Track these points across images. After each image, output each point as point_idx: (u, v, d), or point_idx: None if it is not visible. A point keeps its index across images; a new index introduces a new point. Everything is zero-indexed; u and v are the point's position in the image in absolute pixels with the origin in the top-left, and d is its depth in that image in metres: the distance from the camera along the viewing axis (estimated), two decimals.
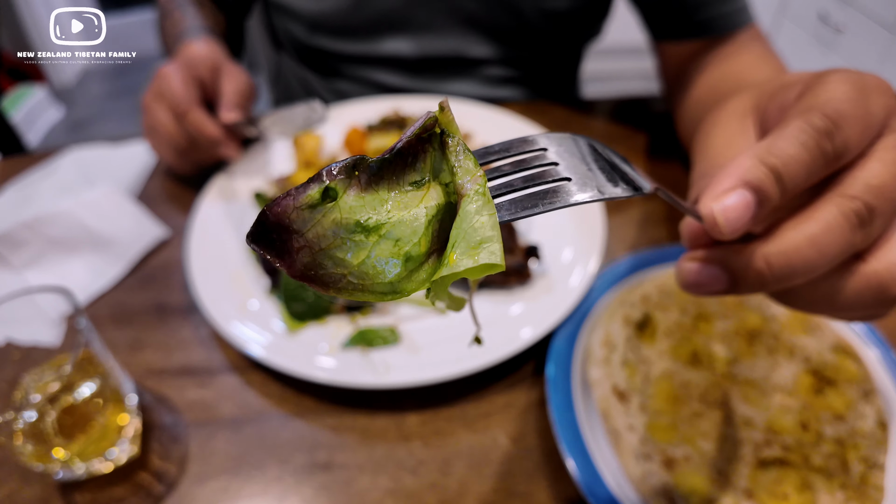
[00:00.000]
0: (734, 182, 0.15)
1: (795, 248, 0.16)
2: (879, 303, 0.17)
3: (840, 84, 0.17)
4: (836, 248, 0.16)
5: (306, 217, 0.12)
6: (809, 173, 0.16)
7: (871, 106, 0.16)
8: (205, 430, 0.30)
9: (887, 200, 0.16)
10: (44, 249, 0.40)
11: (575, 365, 0.31)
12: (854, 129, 0.16)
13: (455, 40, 0.53)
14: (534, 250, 0.34)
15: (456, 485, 0.28)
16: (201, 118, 0.40)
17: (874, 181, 0.16)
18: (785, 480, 0.26)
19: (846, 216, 0.16)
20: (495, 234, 0.12)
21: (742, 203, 0.15)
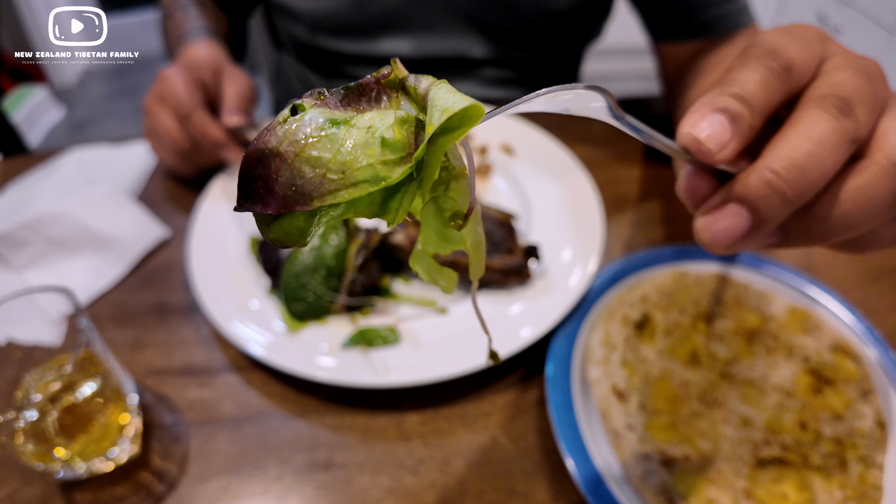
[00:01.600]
0: (702, 110, 0.16)
1: (795, 149, 0.15)
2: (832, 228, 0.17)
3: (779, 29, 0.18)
4: (833, 136, 0.15)
5: (279, 132, 0.12)
6: (767, 91, 0.16)
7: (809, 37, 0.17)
8: (205, 430, 0.30)
9: (855, 90, 0.16)
10: (45, 249, 0.40)
11: (574, 364, 0.31)
12: (795, 50, 0.17)
13: (455, 40, 0.53)
14: (533, 250, 0.34)
15: (456, 484, 0.28)
16: (205, 121, 0.41)
17: (835, 80, 0.16)
18: (784, 480, 0.26)
19: (825, 109, 0.16)
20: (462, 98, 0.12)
21: (717, 121, 0.15)
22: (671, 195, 0.46)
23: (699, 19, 0.45)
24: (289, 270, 0.33)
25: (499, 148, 0.47)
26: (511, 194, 0.44)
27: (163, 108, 0.42)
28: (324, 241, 0.34)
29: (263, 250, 0.36)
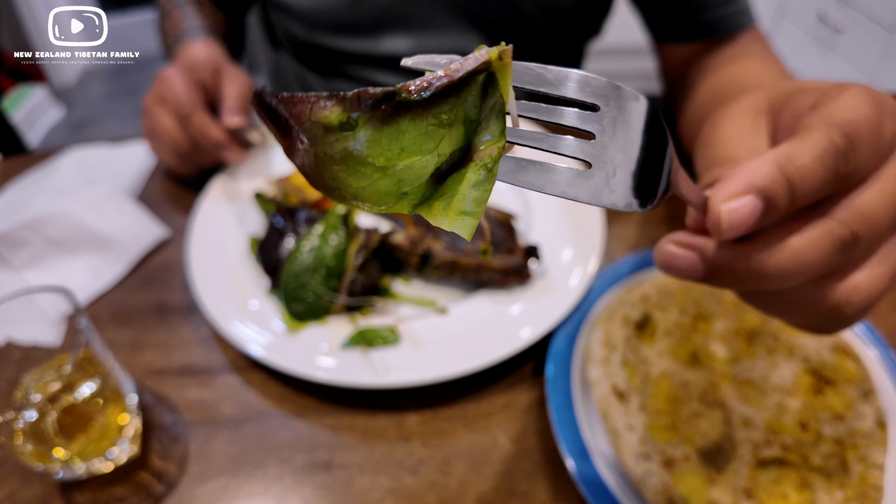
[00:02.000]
0: (747, 186, 0.15)
1: (776, 260, 0.16)
2: (832, 322, 0.17)
3: (857, 100, 0.17)
4: (815, 267, 0.16)
5: (318, 135, 0.11)
6: (820, 190, 0.16)
7: (885, 130, 0.16)
8: (205, 430, 0.30)
9: (874, 232, 0.16)
10: (44, 250, 0.40)
11: (574, 365, 0.31)
12: (866, 153, 0.16)
13: (455, 38, 0.53)
14: (533, 250, 0.34)
15: (456, 484, 0.28)
16: (205, 121, 0.40)
17: (868, 210, 0.16)
18: (784, 480, 0.26)
19: (832, 240, 0.16)
20: (478, 212, 0.12)
21: (750, 209, 0.15)
22: (671, 196, 0.45)
23: (701, 20, 0.45)
24: (288, 270, 0.33)
25: None
26: (511, 194, 0.44)
27: (162, 109, 0.41)
28: (324, 241, 0.34)
29: (263, 250, 0.36)
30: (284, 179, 0.43)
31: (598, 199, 0.13)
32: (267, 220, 0.40)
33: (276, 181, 0.43)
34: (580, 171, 0.13)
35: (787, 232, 0.16)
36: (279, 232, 0.37)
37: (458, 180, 0.12)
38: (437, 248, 0.34)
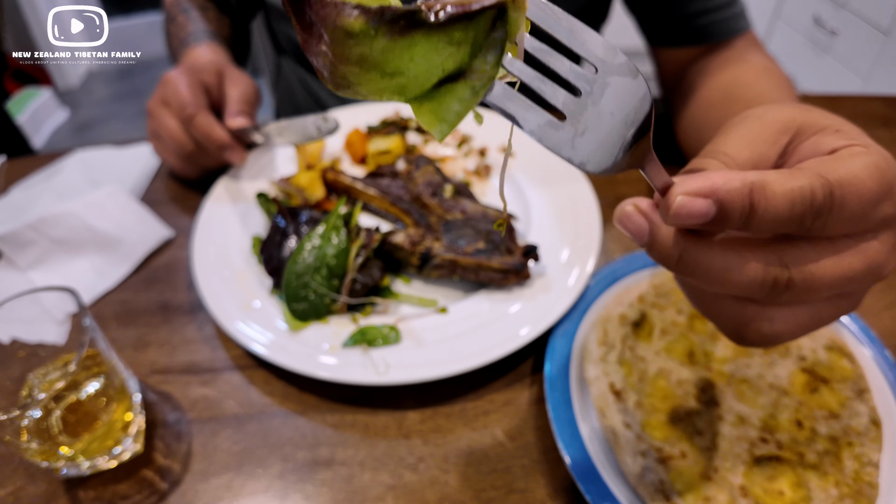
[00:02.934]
0: (711, 190, 0.16)
1: (708, 265, 0.16)
2: (740, 339, 0.18)
3: (867, 170, 0.16)
4: (740, 289, 0.16)
5: (339, 38, 0.12)
6: (778, 227, 0.16)
7: (880, 209, 0.16)
8: (208, 428, 0.31)
9: (811, 290, 0.16)
10: (49, 250, 0.40)
11: (572, 363, 0.31)
12: (842, 221, 0.16)
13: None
14: (532, 251, 0.35)
15: (456, 481, 0.28)
16: (209, 123, 0.41)
17: (817, 271, 0.16)
18: (780, 477, 0.26)
19: (766, 276, 0.16)
20: (454, 122, 0.14)
21: (702, 209, 0.15)
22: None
23: (696, 25, 0.45)
24: (290, 270, 0.34)
25: (498, 150, 0.48)
26: (510, 195, 0.44)
27: (166, 111, 0.42)
28: (325, 242, 0.34)
29: (265, 250, 0.37)
30: (287, 180, 0.43)
31: (559, 150, 0.14)
32: (269, 220, 0.40)
33: (278, 182, 0.43)
34: (554, 121, 0.14)
35: (736, 245, 0.16)
36: (281, 232, 0.37)
37: (448, 91, 0.13)
38: (437, 248, 0.35)
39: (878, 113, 0.57)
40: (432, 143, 0.49)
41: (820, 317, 0.18)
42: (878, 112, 0.57)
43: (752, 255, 0.16)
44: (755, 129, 0.19)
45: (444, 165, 0.47)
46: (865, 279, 0.17)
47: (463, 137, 0.49)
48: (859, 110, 0.57)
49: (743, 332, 0.18)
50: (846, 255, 0.16)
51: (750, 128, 0.19)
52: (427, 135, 0.50)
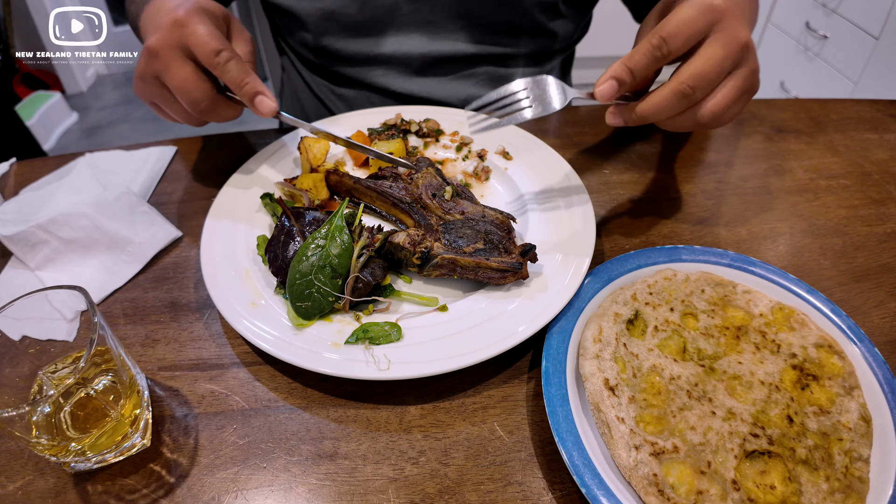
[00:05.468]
0: (609, 75, 0.32)
1: (645, 109, 0.33)
2: (702, 126, 0.34)
3: (685, 12, 0.31)
4: (671, 109, 0.32)
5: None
6: (649, 68, 0.32)
7: (700, 26, 0.31)
8: (215, 422, 0.31)
9: (705, 80, 0.31)
10: (59, 250, 0.41)
11: (568, 360, 0.32)
12: (679, 42, 0.31)
13: (456, 38, 0.55)
14: (530, 250, 0.36)
15: (455, 474, 0.29)
16: (244, 68, 0.36)
17: (695, 70, 0.31)
18: (771, 472, 0.27)
19: (676, 92, 0.32)
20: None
21: (609, 87, 0.33)
22: (661, 198, 0.47)
23: None
24: (294, 270, 0.35)
25: (496, 153, 0.49)
26: (508, 197, 0.45)
27: (178, 56, 0.36)
28: (329, 242, 0.35)
29: (270, 250, 0.37)
30: (291, 182, 0.44)
31: (522, 119, 0.34)
32: (274, 221, 0.41)
33: (282, 184, 0.44)
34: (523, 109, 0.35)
35: (654, 94, 0.32)
36: (286, 232, 0.38)
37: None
38: (438, 248, 0.36)
39: (868, 116, 0.58)
40: (433, 147, 0.50)
41: (730, 94, 0.32)
42: (868, 115, 0.58)
43: (662, 90, 0.32)
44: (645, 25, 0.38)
45: (444, 168, 0.48)
46: (727, 57, 0.31)
47: (462, 140, 0.51)
48: (849, 114, 0.58)
49: (704, 123, 0.33)
50: (704, 52, 0.31)
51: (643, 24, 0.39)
52: (428, 138, 0.51)
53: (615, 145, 0.53)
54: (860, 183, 0.49)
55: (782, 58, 1.54)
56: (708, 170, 0.50)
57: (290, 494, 0.28)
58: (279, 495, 0.28)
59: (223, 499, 0.28)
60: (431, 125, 0.51)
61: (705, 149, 0.53)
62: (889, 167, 0.50)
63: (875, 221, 0.45)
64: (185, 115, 0.40)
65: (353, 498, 0.28)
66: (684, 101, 0.32)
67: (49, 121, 1.92)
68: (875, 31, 1.27)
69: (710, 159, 0.52)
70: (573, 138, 0.54)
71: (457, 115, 0.53)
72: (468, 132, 0.42)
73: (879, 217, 0.45)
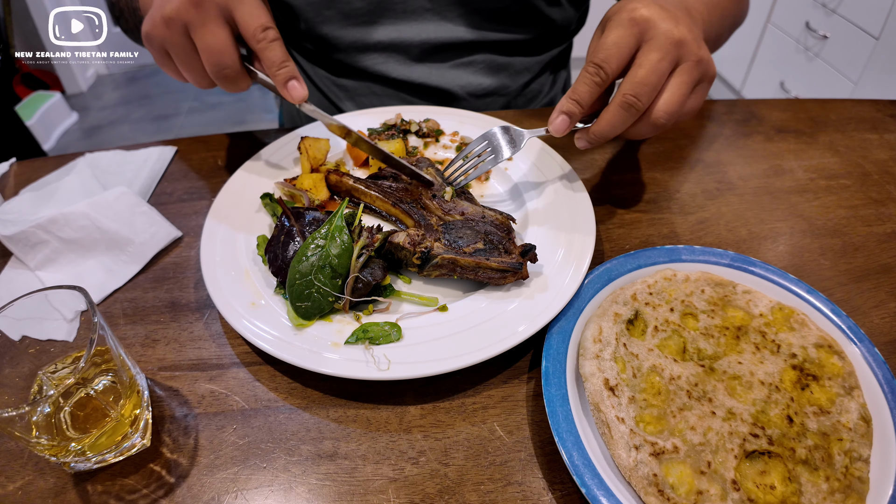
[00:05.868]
0: (558, 111, 0.36)
1: (601, 128, 0.36)
2: (660, 129, 0.36)
3: (612, 33, 0.34)
4: (623, 122, 0.35)
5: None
6: (593, 95, 0.35)
7: (628, 42, 0.34)
8: (215, 422, 0.31)
9: (647, 86, 0.33)
10: (58, 250, 0.41)
11: (568, 360, 0.32)
12: (613, 63, 0.34)
13: (455, 23, 0.55)
14: (530, 251, 0.36)
15: (455, 474, 0.29)
16: (284, 52, 0.36)
17: (637, 79, 0.33)
18: (771, 472, 0.27)
19: (622, 105, 0.34)
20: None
21: (561, 121, 0.36)
22: (660, 199, 0.47)
23: None
24: (294, 270, 0.35)
25: None
26: (508, 197, 0.45)
27: (219, 17, 0.35)
28: (329, 242, 0.35)
29: (270, 251, 0.37)
30: (292, 182, 0.44)
31: (502, 158, 0.40)
32: (274, 221, 0.41)
33: (282, 184, 0.44)
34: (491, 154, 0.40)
35: (604, 113, 0.35)
36: (286, 233, 0.38)
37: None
38: (438, 248, 0.36)
39: (868, 116, 0.58)
40: (433, 146, 0.50)
41: (679, 90, 0.34)
42: (868, 115, 0.58)
43: (610, 106, 0.35)
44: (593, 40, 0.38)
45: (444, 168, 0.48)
46: (663, 58, 0.33)
47: (462, 140, 0.51)
48: (849, 114, 0.58)
49: (657, 123, 0.35)
50: (640, 62, 0.34)
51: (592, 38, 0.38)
52: (428, 138, 0.51)
53: (615, 146, 0.53)
54: (860, 183, 0.49)
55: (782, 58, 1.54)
56: (708, 170, 0.50)
57: (290, 494, 0.28)
58: (279, 495, 0.28)
59: (223, 499, 0.28)
60: (431, 125, 0.51)
61: (705, 149, 0.53)
62: (889, 167, 0.50)
63: (875, 221, 0.45)
64: (198, 75, 0.37)
65: (353, 498, 0.28)
66: (632, 110, 0.34)
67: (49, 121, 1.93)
68: (875, 31, 1.27)
69: (710, 159, 0.52)
70: (570, 138, 0.54)
71: (457, 116, 0.53)
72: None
73: (879, 217, 0.45)
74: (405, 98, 0.60)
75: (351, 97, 0.61)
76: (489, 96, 0.60)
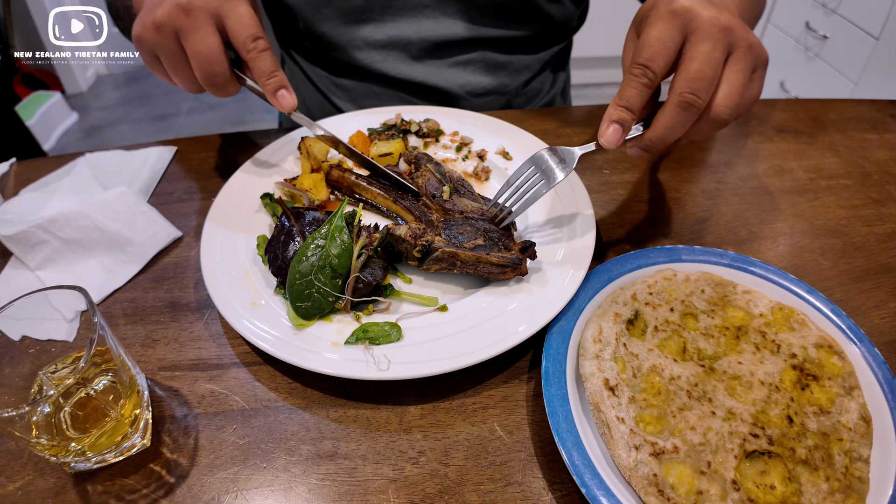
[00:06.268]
0: (608, 120, 0.32)
1: (659, 134, 0.32)
2: (723, 125, 0.32)
3: (653, 29, 0.31)
4: (683, 123, 0.32)
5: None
6: (643, 98, 0.32)
7: (673, 36, 0.31)
8: (215, 422, 0.31)
9: (704, 81, 0.30)
10: (58, 250, 0.41)
11: (568, 360, 0.32)
12: (660, 61, 0.31)
13: (453, 20, 0.55)
14: (529, 247, 0.36)
15: (455, 474, 0.29)
16: (274, 61, 0.36)
17: (691, 74, 0.30)
18: (771, 472, 0.27)
19: (679, 106, 0.31)
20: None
21: (613, 131, 0.32)
22: (660, 199, 0.47)
23: None
24: (294, 270, 0.35)
25: (496, 153, 0.49)
26: None
27: (210, 24, 0.35)
28: (329, 242, 0.35)
29: (270, 251, 0.37)
30: (292, 182, 0.44)
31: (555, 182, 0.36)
32: (274, 220, 0.41)
33: (282, 184, 0.44)
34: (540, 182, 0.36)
35: (659, 115, 0.32)
36: (286, 233, 0.38)
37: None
38: (439, 242, 0.36)
39: (868, 116, 0.58)
40: (433, 147, 0.50)
41: (738, 78, 0.31)
42: (868, 115, 0.58)
43: (666, 107, 0.31)
44: (629, 42, 0.35)
45: None
46: (715, 48, 0.30)
47: (462, 140, 0.51)
48: (849, 114, 0.58)
49: (723, 121, 0.32)
50: (691, 55, 0.31)
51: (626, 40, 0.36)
52: (428, 138, 0.51)
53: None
54: (860, 183, 0.49)
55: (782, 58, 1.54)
56: (708, 170, 0.50)
57: (290, 494, 0.28)
58: (279, 495, 0.28)
59: (223, 499, 0.28)
60: (431, 125, 0.51)
61: (705, 149, 0.53)
62: (889, 167, 0.50)
63: (875, 221, 0.45)
64: (188, 80, 0.37)
65: (353, 498, 0.28)
66: (692, 109, 0.31)
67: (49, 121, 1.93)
68: (875, 31, 1.27)
69: (710, 159, 0.52)
70: (573, 138, 0.54)
71: (457, 116, 0.53)
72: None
73: (879, 217, 0.45)
74: (405, 98, 0.60)
75: (350, 97, 0.61)
76: (489, 95, 0.60)
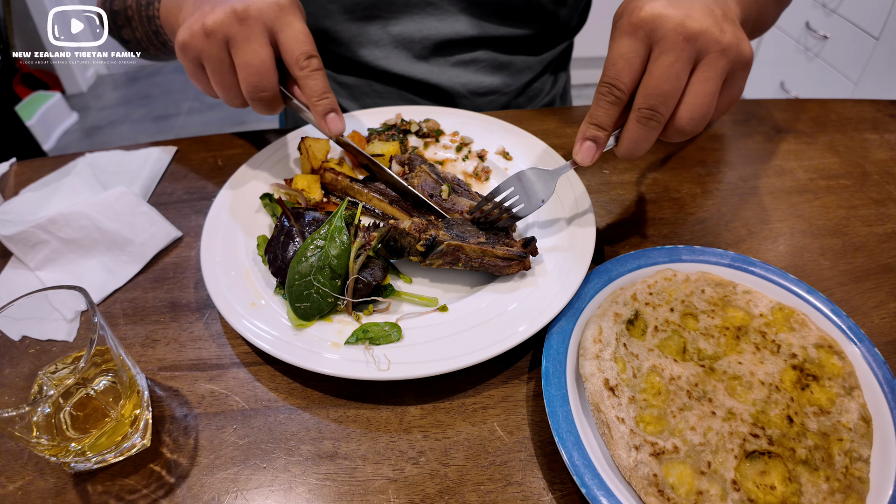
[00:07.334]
0: (582, 137, 0.33)
1: (625, 147, 0.32)
2: (689, 133, 0.32)
3: (616, 44, 0.31)
4: (646, 138, 0.31)
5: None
6: (612, 116, 0.32)
7: (636, 49, 0.30)
8: (215, 422, 0.31)
9: (662, 94, 0.30)
10: (58, 250, 0.41)
11: (568, 360, 0.32)
12: (625, 78, 0.31)
13: (457, 18, 0.55)
14: (530, 242, 0.36)
15: (455, 474, 0.29)
16: (326, 82, 0.35)
17: (650, 89, 0.30)
18: (771, 472, 0.27)
19: (641, 119, 0.31)
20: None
21: (587, 148, 0.33)
22: (660, 199, 0.47)
23: None
24: (294, 270, 0.35)
25: (496, 153, 0.49)
26: None
27: (264, 36, 0.33)
28: (328, 242, 0.35)
29: (270, 251, 0.37)
30: (291, 182, 0.44)
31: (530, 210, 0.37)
32: (274, 221, 0.41)
33: (277, 185, 0.44)
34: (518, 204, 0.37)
35: (623, 133, 0.32)
36: (286, 233, 0.38)
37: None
38: (443, 236, 0.36)
39: (868, 116, 0.58)
40: (433, 147, 0.50)
41: (705, 88, 0.30)
42: (868, 115, 0.58)
43: (629, 123, 0.32)
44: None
45: (444, 168, 0.48)
46: (677, 59, 0.29)
47: (462, 140, 0.51)
48: (849, 114, 0.58)
49: (688, 130, 0.31)
50: (652, 70, 0.30)
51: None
52: (428, 138, 0.51)
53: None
54: (860, 183, 0.49)
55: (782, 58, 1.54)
56: (708, 170, 0.50)
57: (290, 494, 0.28)
58: (279, 495, 0.28)
59: (223, 499, 0.28)
60: (431, 125, 0.51)
61: (705, 149, 0.53)
62: (889, 167, 0.50)
63: (875, 221, 0.45)
64: (232, 93, 0.36)
65: (353, 498, 0.28)
66: (652, 123, 0.30)
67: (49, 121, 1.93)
68: (875, 31, 1.27)
69: (710, 159, 0.52)
70: (573, 138, 0.54)
71: (457, 116, 0.53)
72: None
73: (879, 217, 0.45)
74: (406, 96, 0.60)
75: (353, 95, 0.61)
76: (490, 94, 0.60)
